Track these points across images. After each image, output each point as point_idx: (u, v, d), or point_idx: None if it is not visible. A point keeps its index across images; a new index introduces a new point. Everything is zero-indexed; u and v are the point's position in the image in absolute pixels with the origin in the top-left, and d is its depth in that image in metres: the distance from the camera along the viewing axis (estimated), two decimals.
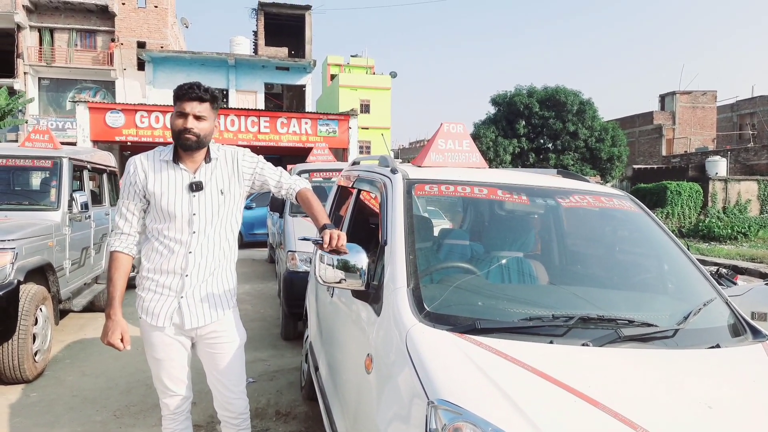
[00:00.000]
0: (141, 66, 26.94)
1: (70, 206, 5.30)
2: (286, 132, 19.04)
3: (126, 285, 2.31)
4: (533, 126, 24.81)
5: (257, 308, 7.01)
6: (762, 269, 10.77)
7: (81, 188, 5.90)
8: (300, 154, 16.32)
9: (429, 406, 1.47)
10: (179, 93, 2.23)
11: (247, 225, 12.86)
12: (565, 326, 1.84)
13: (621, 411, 1.44)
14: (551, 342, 1.77)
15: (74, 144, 16.18)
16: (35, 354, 4.31)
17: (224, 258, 2.37)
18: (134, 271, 2.54)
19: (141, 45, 27.95)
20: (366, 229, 3.36)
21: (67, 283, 5.29)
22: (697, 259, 2.69)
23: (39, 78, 27.70)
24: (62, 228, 5.16)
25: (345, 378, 2.37)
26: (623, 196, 2.74)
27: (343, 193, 3.90)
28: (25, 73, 26.83)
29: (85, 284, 6.02)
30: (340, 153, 18.94)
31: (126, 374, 4.41)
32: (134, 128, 17.63)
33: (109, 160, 7.19)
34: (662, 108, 36.84)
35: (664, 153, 33.28)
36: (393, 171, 2.60)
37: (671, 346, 1.86)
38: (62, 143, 6.52)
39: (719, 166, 24.09)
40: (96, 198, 6.58)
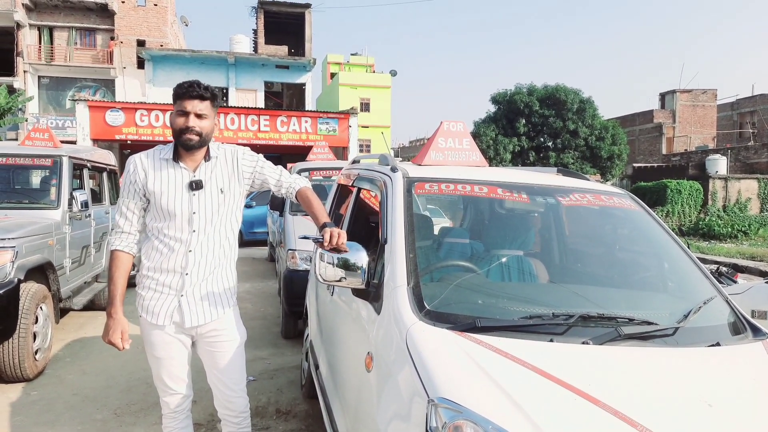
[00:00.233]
0: (141, 64, 26.93)
1: (70, 205, 5.30)
2: (286, 130, 19.04)
3: (126, 284, 2.32)
4: (533, 124, 24.79)
5: (257, 307, 7.02)
6: (762, 267, 10.77)
7: (81, 187, 5.91)
8: (300, 153, 16.32)
9: (429, 405, 1.47)
10: (179, 91, 2.22)
11: (247, 223, 12.86)
12: (566, 324, 1.84)
13: (621, 409, 1.44)
14: (551, 340, 1.77)
15: (74, 143, 16.17)
16: (36, 352, 4.31)
17: (224, 256, 2.37)
18: (134, 270, 2.54)
19: (141, 43, 27.94)
20: (366, 228, 3.36)
21: (68, 282, 5.30)
22: (698, 258, 2.68)
23: (39, 76, 27.67)
24: (62, 226, 5.16)
25: (345, 376, 2.37)
26: (623, 195, 2.74)
27: (343, 192, 3.90)
28: (25, 72, 26.81)
29: (86, 283, 6.02)
30: (340, 151, 18.93)
31: (126, 373, 4.42)
32: (134, 127, 17.63)
33: (109, 159, 7.20)
34: (662, 106, 36.81)
35: (665, 151, 33.25)
36: (393, 169, 2.59)
37: (671, 345, 1.86)
38: (62, 142, 6.51)
39: (719, 165, 24.09)
40: (96, 196, 6.59)
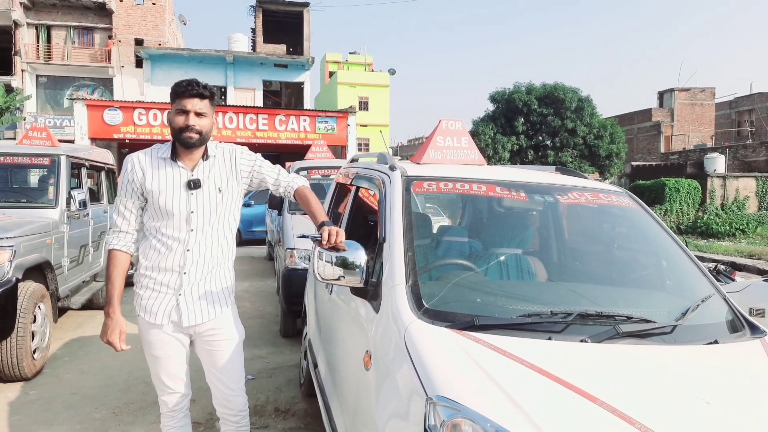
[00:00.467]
0: (139, 63, 26.88)
1: (68, 204, 5.29)
2: (285, 129, 19.03)
3: (124, 283, 2.31)
4: (532, 123, 24.79)
5: (256, 305, 7.02)
6: (760, 266, 10.80)
7: (79, 186, 5.90)
8: (298, 152, 16.34)
9: (428, 403, 1.48)
10: (178, 90, 2.22)
11: (246, 222, 12.86)
12: (564, 323, 1.84)
13: (619, 407, 1.44)
14: (550, 338, 1.77)
15: (72, 141, 16.17)
16: (34, 352, 4.30)
17: (222, 255, 2.37)
18: (132, 269, 2.54)
19: (139, 42, 27.90)
20: (365, 227, 3.36)
21: (66, 281, 5.29)
22: (696, 256, 2.69)
23: (36, 75, 27.62)
24: (60, 226, 5.15)
25: (344, 375, 2.37)
26: (621, 193, 2.74)
27: (342, 191, 3.90)
28: (23, 71, 26.75)
29: (84, 282, 6.02)
30: (339, 150, 18.94)
31: (125, 372, 4.41)
32: (132, 126, 17.61)
33: (107, 158, 7.18)
34: (661, 105, 36.83)
35: (663, 150, 33.27)
36: (391, 168, 2.59)
37: (669, 342, 1.86)
38: (60, 141, 6.50)
39: (717, 163, 24.11)
40: (94, 195, 6.58)
